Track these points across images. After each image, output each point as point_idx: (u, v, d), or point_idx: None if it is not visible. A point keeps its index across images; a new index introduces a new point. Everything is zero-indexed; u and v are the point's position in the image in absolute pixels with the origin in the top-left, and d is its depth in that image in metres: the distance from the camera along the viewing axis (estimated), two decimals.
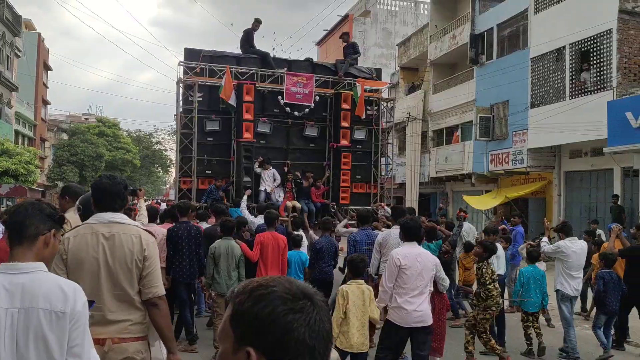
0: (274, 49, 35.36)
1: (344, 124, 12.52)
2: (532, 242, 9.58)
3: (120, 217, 3.16)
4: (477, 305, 6.64)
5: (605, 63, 15.90)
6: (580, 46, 16.69)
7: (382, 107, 13.99)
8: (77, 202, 3.80)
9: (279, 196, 11.83)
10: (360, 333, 5.05)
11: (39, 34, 45.19)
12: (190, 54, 12.41)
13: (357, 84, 12.60)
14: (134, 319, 3.05)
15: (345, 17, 39.01)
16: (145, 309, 3.10)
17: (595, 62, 16.25)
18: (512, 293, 8.50)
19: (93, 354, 2.26)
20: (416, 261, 5.17)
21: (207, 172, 12.13)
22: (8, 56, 32.78)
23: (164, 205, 15.95)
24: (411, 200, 25.50)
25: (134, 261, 3.04)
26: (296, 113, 12.55)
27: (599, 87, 16.05)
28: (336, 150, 12.66)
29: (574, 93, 16.81)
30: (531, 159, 18.56)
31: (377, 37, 38.68)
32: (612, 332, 7.63)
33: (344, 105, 12.51)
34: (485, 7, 22.05)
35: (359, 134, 12.97)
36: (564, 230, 7.49)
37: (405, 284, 5.11)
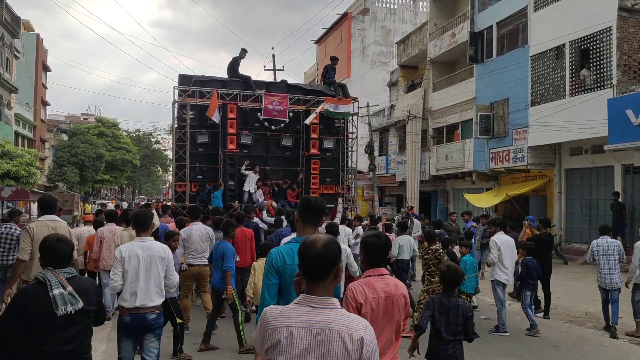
0: (272, 48, 35.36)
1: (313, 135, 14.89)
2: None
3: (56, 217, 6.07)
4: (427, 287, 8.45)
5: (605, 61, 15.94)
6: (580, 44, 16.73)
7: (349, 120, 16.31)
8: None
9: (260, 196, 13.88)
10: None
11: (38, 35, 45.15)
12: (183, 79, 14.76)
13: (325, 102, 14.86)
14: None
15: (344, 16, 39.02)
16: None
17: (595, 60, 16.29)
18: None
19: (176, 276, 5.22)
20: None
21: (198, 177, 14.46)
22: (7, 58, 32.74)
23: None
24: (412, 198, 25.56)
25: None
26: (273, 127, 14.83)
27: (599, 84, 16.09)
28: (307, 157, 14.93)
29: (574, 91, 16.86)
30: (532, 156, 18.61)
31: (376, 35, 38.70)
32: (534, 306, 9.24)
33: (313, 120, 14.77)
34: (484, 5, 22.07)
35: (328, 144, 15.35)
36: (501, 224, 9.59)
37: None
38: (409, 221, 13.57)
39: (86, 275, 9.54)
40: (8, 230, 8.55)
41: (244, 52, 15.39)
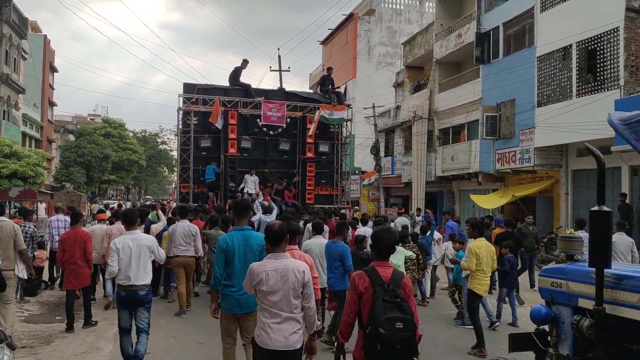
0: (278, 48, 35.42)
1: (309, 140, 15.81)
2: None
3: (4, 218, 7.52)
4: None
5: (612, 61, 15.86)
6: (587, 45, 16.66)
7: (343, 125, 17.24)
8: None
9: (261, 197, 14.54)
10: None
11: (45, 36, 45.37)
12: (188, 87, 15.84)
13: (320, 109, 15.66)
14: (12, 257, 7.42)
15: (350, 16, 39.00)
16: (15, 254, 7.47)
17: (602, 60, 16.21)
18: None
19: (162, 253, 6.65)
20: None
21: (201, 179, 15.27)
22: (15, 58, 32.90)
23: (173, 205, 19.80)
24: (417, 199, 25.52)
25: (11, 236, 7.37)
26: (272, 132, 15.79)
27: (606, 85, 16.01)
28: (303, 161, 15.89)
29: (581, 92, 16.79)
30: (538, 157, 18.54)
31: (382, 36, 38.65)
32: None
33: (309, 125, 15.79)
34: (491, 6, 22.01)
35: (324, 147, 16.33)
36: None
37: None
38: (391, 220, 15.59)
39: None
40: (22, 228, 9.16)
41: (245, 62, 16.36)
